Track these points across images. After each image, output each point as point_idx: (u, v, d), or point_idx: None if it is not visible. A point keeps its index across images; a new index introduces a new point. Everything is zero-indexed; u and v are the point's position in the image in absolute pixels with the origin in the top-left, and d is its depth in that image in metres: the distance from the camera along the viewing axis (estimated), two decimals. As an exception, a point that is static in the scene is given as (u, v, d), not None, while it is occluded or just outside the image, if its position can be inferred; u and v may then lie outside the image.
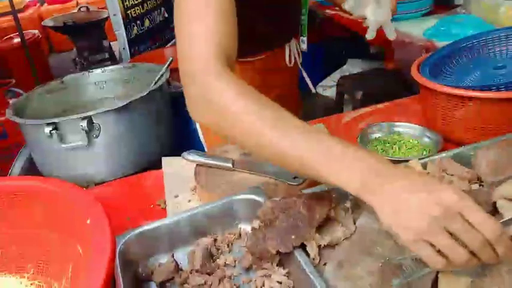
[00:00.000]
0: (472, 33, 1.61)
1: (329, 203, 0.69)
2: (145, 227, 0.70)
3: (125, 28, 2.52)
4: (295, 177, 0.86)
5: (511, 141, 0.80)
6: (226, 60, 0.68)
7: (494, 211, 0.65)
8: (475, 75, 1.04)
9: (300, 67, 1.32)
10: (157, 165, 1.06)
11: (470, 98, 0.90)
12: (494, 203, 0.65)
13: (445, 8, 2.01)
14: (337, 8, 1.56)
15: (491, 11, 1.83)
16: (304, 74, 1.35)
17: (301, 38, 1.30)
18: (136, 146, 1.39)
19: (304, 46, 1.29)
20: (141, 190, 0.99)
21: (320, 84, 3.94)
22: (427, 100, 1.00)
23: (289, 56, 1.23)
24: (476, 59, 1.09)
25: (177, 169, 0.98)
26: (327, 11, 3.12)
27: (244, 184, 0.85)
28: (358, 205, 0.74)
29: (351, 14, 1.12)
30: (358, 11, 1.10)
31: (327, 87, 3.47)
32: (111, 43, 3.48)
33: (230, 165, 0.90)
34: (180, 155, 0.97)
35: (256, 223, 0.69)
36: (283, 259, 0.68)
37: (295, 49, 1.25)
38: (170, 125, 1.65)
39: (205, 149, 1.30)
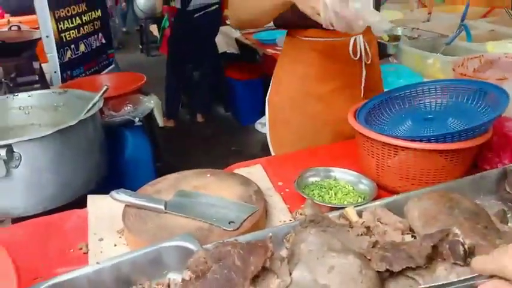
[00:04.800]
0: (404, 82, 1.70)
1: (265, 252, 0.66)
2: (61, 278, 0.63)
3: (58, 51, 2.41)
4: (230, 222, 0.82)
5: (441, 193, 0.83)
6: None
7: (427, 264, 0.65)
8: (407, 125, 1.08)
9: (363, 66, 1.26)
10: (84, 202, 0.98)
11: (402, 148, 0.93)
12: (427, 256, 0.65)
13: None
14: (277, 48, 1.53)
15: (419, 62, 1.95)
16: None
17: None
18: (61, 179, 1.29)
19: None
20: (61, 231, 0.89)
21: (258, 121, 3.97)
22: (363, 147, 1.02)
23: (354, 48, 1.21)
24: (408, 108, 1.13)
25: (104, 209, 0.91)
26: (268, 50, 3.21)
27: (176, 229, 0.80)
28: (293, 254, 0.71)
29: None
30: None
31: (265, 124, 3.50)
32: (42, 65, 3.32)
33: (162, 207, 0.85)
34: (109, 192, 0.90)
35: (187, 274, 0.64)
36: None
37: (361, 44, 1.23)
38: (102, 158, 1.56)
39: (272, 153, 1.44)
